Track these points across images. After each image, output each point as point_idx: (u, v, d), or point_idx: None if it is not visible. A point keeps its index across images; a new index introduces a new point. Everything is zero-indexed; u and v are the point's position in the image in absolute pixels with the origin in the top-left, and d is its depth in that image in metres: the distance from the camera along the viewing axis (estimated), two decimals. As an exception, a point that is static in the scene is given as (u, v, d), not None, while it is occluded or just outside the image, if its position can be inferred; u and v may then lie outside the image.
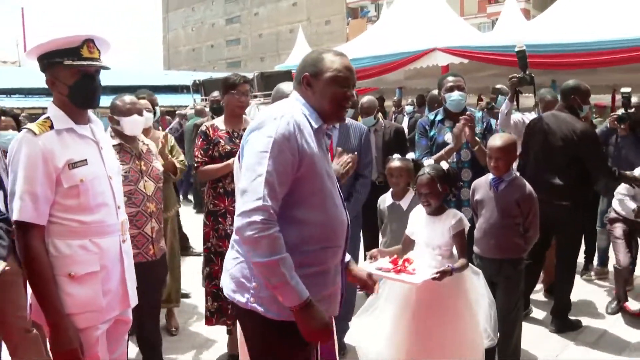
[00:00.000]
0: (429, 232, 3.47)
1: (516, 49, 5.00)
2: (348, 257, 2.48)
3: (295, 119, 2.11)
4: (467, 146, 4.30)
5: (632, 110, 5.48)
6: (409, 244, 3.60)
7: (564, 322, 4.68)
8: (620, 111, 5.64)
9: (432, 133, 4.50)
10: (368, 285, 2.60)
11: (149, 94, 5.50)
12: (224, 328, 4.23)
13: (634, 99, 5.68)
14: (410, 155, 4.20)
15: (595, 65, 8.25)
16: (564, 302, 4.73)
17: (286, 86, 3.14)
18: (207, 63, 57.45)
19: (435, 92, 5.25)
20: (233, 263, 2.23)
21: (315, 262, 2.17)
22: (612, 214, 5.11)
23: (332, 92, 2.20)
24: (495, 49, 8.59)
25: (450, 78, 4.47)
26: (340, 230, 2.27)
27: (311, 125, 2.18)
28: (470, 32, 11.57)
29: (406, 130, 9.42)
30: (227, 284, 2.25)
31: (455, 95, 4.39)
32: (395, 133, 5.33)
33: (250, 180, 2.04)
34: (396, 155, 4.10)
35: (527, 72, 4.91)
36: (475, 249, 3.87)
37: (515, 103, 5.10)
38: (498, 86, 5.72)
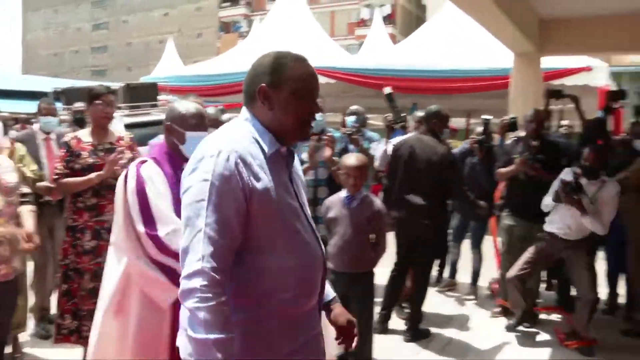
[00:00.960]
0: None
1: (385, 92, 5.27)
2: (332, 294, 2.15)
3: (238, 151, 1.73)
4: (324, 165, 4.43)
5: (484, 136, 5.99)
6: None
7: (416, 331, 4.95)
8: (477, 132, 6.12)
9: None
10: (347, 334, 2.13)
11: (48, 102, 5.17)
12: (73, 349, 4.02)
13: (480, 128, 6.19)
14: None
15: (451, 92, 8.84)
16: (418, 312, 5.01)
17: (180, 105, 2.97)
18: (70, 70, 54.45)
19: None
20: None
21: (281, 313, 1.81)
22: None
23: (296, 106, 1.82)
24: (361, 71, 8.96)
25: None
26: (315, 273, 1.91)
27: (264, 152, 1.81)
28: (338, 53, 11.96)
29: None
30: (183, 346, 1.75)
31: (316, 116, 4.50)
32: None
33: (190, 238, 1.70)
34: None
35: (399, 114, 5.24)
36: (329, 264, 3.98)
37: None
38: (353, 107, 5.95)
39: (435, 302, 5.81)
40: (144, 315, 2.75)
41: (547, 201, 4.82)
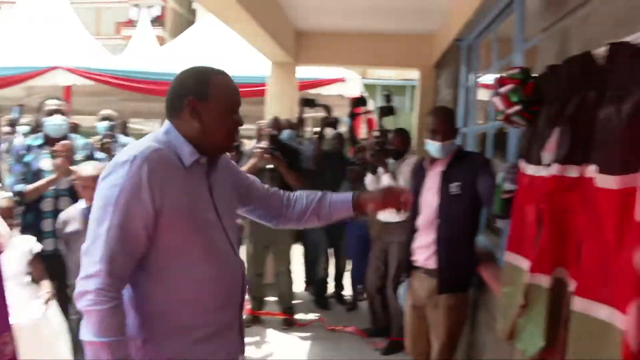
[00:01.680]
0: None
1: None
2: (349, 194, 2.21)
3: (153, 160, 1.73)
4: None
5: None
6: None
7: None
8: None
9: (28, 159, 4.21)
10: (391, 199, 2.18)
11: None
12: None
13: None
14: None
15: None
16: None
17: None
18: None
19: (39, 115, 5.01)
20: None
21: (194, 325, 1.83)
22: None
23: (226, 120, 1.87)
24: (121, 73, 8.59)
25: (50, 101, 4.34)
26: (233, 284, 1.94)
27: (182, 163, 1.82)
28: (100, 53, 11.33)
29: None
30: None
31: (57, 119, 4.22)
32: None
33: (91, 241, 1.71)
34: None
35: None
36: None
37: None
38: (105, 112, 5.68)
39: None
40: None
41: (368, 178, 5.12)
